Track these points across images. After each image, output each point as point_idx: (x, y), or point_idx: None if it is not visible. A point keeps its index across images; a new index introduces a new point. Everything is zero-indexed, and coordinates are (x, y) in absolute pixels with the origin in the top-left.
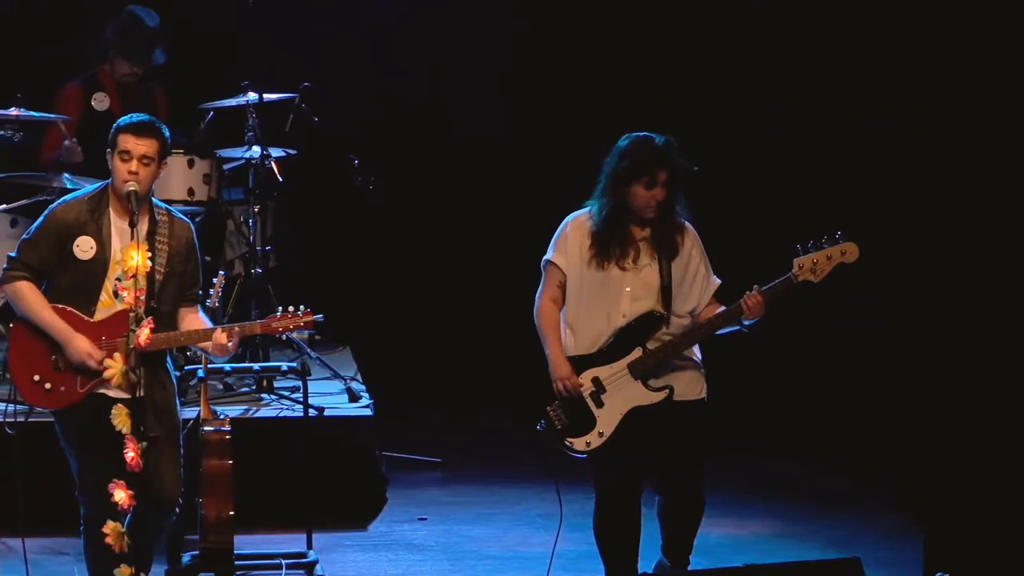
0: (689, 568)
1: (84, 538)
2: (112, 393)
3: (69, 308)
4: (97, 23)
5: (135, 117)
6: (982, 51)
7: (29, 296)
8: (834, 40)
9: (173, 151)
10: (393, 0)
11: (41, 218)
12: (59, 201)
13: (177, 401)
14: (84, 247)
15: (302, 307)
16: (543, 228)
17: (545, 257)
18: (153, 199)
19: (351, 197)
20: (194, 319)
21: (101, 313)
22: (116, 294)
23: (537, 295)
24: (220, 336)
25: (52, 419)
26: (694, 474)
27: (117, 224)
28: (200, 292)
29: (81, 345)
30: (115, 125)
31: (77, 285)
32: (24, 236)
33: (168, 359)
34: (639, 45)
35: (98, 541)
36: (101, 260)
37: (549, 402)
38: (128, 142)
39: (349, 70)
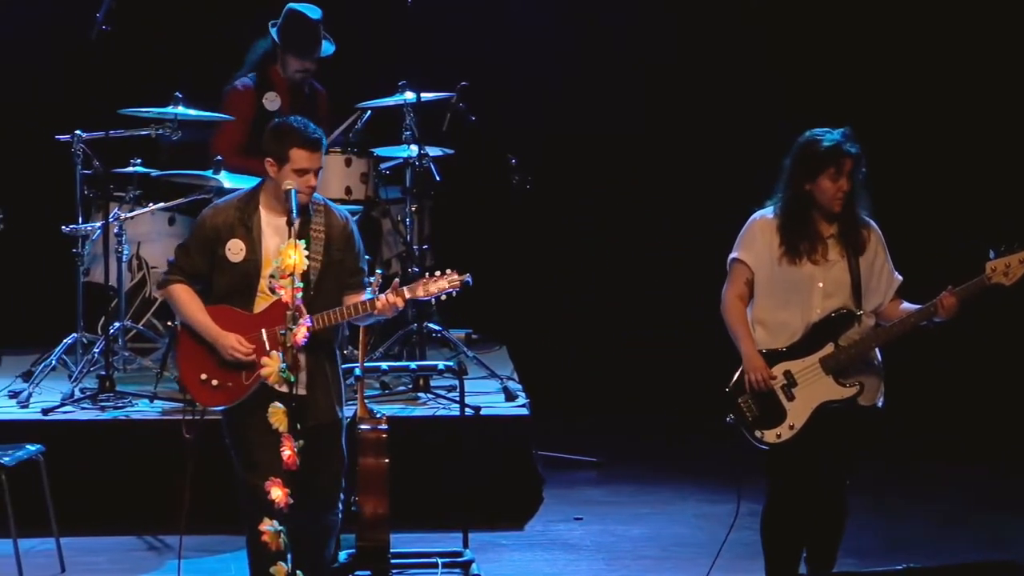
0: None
1: (247, 535)
2: (264, 358)
3: (228, 306)
4: (260, 23)
5: (306, 133)
6: None
7: (183, 298)
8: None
9: (331, 150)
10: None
11: (194, 224)
12: (210, 206)
13: (342, 394)
14: (235, 250)
15: (449, 270)
16: (697, 226)
17: (732, 255)
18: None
19: (508, 196)
20: (352, 301)
21: (259, 308)
22: (272, 291)
23: (724, 292)
24: (384, 306)
25: (217, 418)
26: (843, 479)
27: (271, 222)
28: (366, 280)
29: (227, 341)
30: (285, 136)
31: (233, 286)
32: (180, 243)
33: (335, 352)
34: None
35: (257, 539)
36: (252, 260)
37: (740, 395)
38: (303, 160)
39: (505, 69)
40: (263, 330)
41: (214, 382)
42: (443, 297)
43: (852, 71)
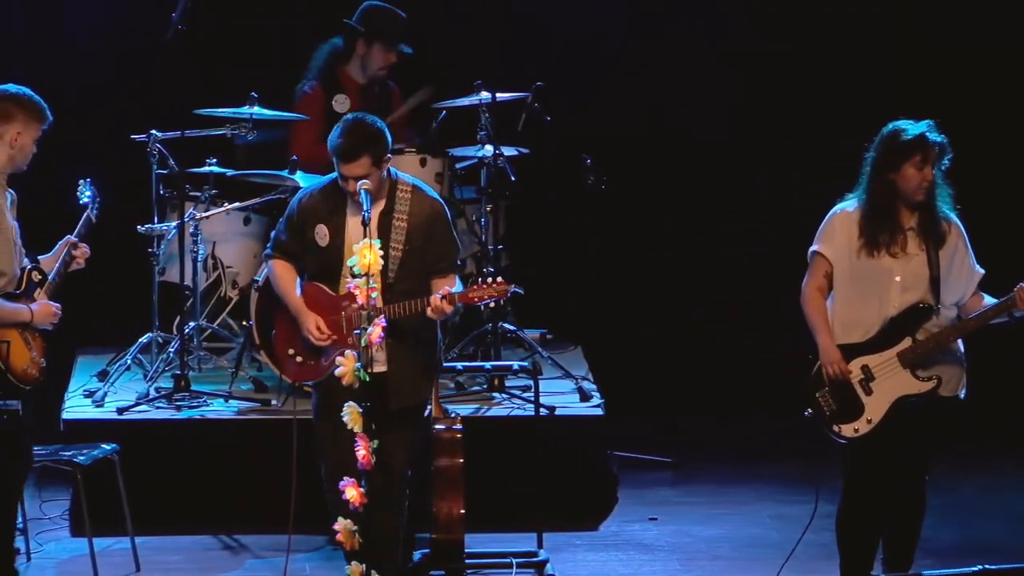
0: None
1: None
2: (340, 358)
3: (319, 284)
4: (328, 25)
5: (336, 143)
6: None
7: (278, 273)
8: None
9: (407, 150)
10: (623, 1)
11: (289, 205)
12: (304, 189)
13: (430, 377)
14: (321, 234)
15: (499, 278)
16: (780, 223)
17: (812, 248)
18: (401, 175)
19: (583, 196)
20: (440, 285)
21: (344, 289)
22: (355, 275)
23: (804, 285)
24: (434, 311)
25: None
26: (923, 473)
27: (355, 210)
28: (459, 263)
29: (307, 322)
30: (329, 141)
31: (321, 267)
32: (281, 218)
33: (426, 334)
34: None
35: (336, 500)
36: (336, 246)
37: (818, 389)
38: (342, 169)
39: (581, 70)
40: (343, 311)
41: (299, 359)
42: (491, 304)
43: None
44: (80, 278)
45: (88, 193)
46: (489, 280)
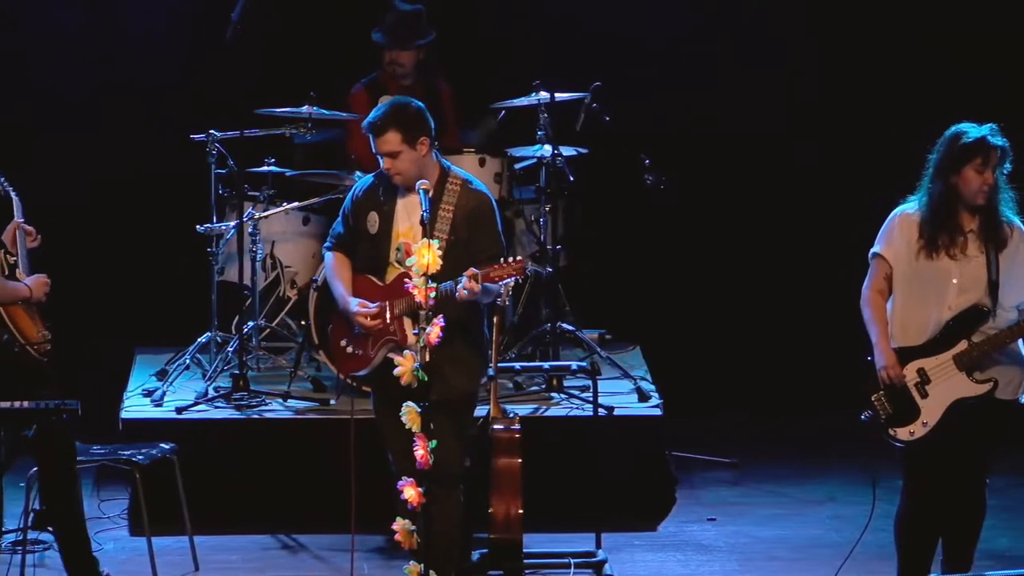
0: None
1: None
2: (398, 358)
3: (368, 276)
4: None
5: (370, 116)
6: None
7: (331, 265)
8: None
9: (465, 149)
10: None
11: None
12: (359, 182)
13: (477, 372)
14: (372, 221)
15: (518, 257)
16: (839, 224)
17: (872, 249)
18: (454, 168)
19: (642, 196)
20: None
21: (389, 279)
22: (399, 262)
23: (864, 286)
24: (463, 294)
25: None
26: (982, 476)
27: (405, 198)
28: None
29: (352, 307)
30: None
31: (370, 256)
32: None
33: (472, 329)
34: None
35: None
36: (384, 233)
37: (874, 392)
38: (374, 145)
39: (640, 69)
40: (387, 301)
41: (349, 349)
42: (510, 283)
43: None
44: (138, 277)
45: (2, 181)
46: (509, 259)
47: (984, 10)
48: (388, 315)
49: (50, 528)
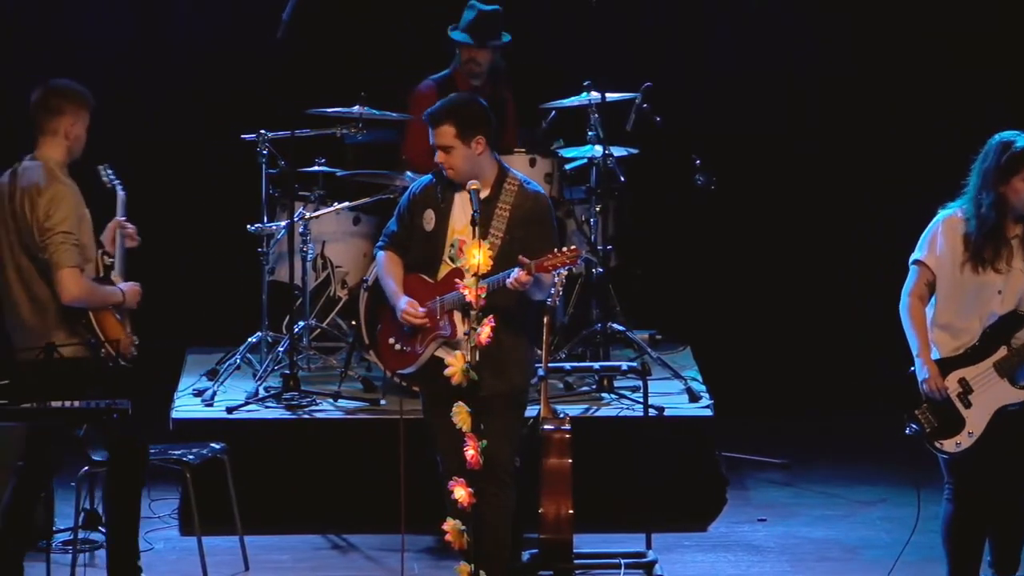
0: None
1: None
2: (449, 358)
3: (420, 275)
4: (447, 22)
5: (431, 108)
6: None
7: (382, 263)
8: None
9: (516, 150)
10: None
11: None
12: (418, 181)
13: (523, 370)
14: (428, 219)
15: (572, 246)
16: (882, 227)
17: (914, 256)
18: (512, 170)
19: (692, 196)
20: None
21: (441, 275)
22: (452, 259)
23: (904, 292)
24: (514, 284)
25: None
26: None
27: (462, 196)
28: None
29: (400, 304)
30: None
31: (424, 254)
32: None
33: (517, 325)
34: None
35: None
36: (440, 231)
37: (917, 405)
38: (430, 136)
39: (688, 69)
40: (437, 297)
41: (397, 346)
42: (563, 272)
43: None
44: (189, 277)
45: (111, 174)
46: (563, 249)
47: (985, 10)
48: (439, 311)
49: (100, 528)
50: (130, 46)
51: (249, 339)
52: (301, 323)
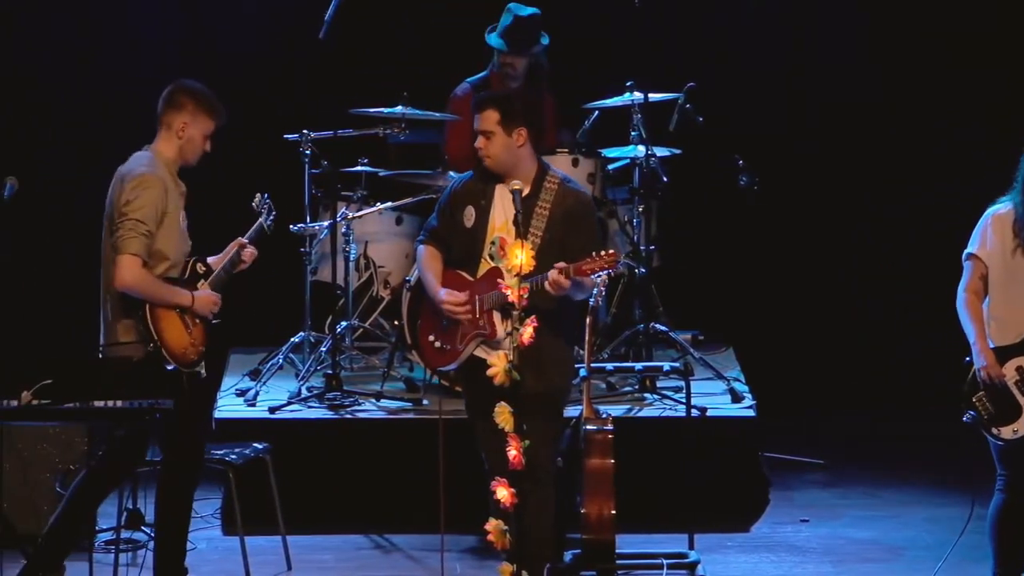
0: None
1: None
2: (491, 358)
3: (459, 271)
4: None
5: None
6: None
7: (422, 258)
8: None
9: (558, 150)
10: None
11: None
12: (459, 177)
13: (563, 371)
14: (468, 215)
15: (610, 250)
16: (925, 225)
17: (967, 250)
18: (552, 168)
19: (735, 197)
20: None
21: (481, 273)
22: (492, 256)
23: (960, 287)
24: (551, 286)
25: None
26: None
27: (503, 193)
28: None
29: (440, 295)
30: None
31: (464, 250)
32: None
33: (556, 326)
34: None
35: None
36: (480, 226)
37: (975, 393)
38: (476, 122)
39: (733, 69)
40: (477, 295)
41: (437, 344)
42: (604, 276)
43: None
44: (232, 277)
45: (265, 204)
46: (601, 252)
47: (985, 10)
48: (477, 309)
49: (143, 528)
50: (177, 44)
51: (292, 339)
52: (344, 323)
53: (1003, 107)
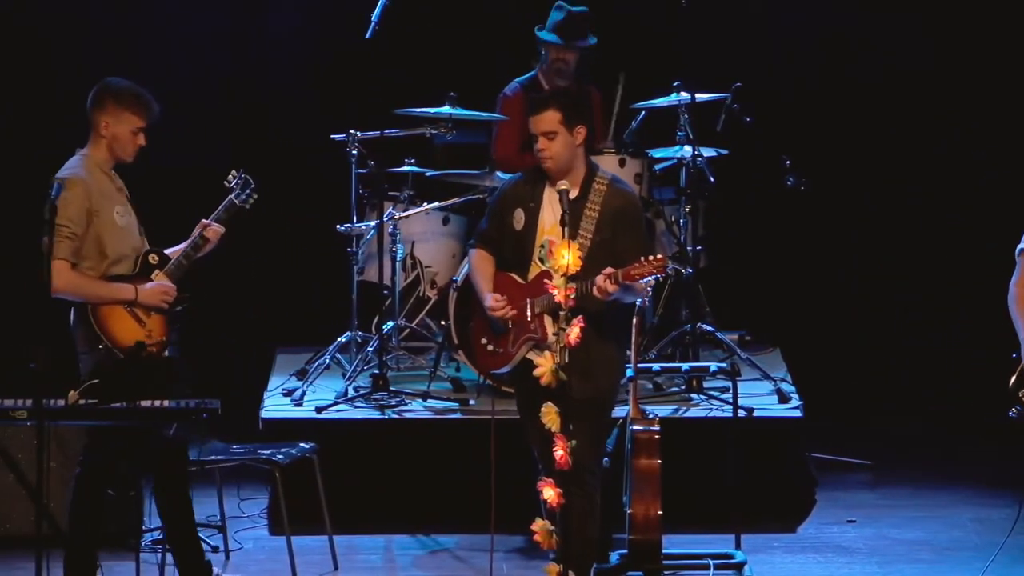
0: None
1: None
2: (538, 358)
3: (510, 274)
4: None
5: (536, 95)
6: None
7: (474, 263)
8: None
9: (605, 150)
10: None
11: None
12: (509, 178)
13: (610, 377)
14: (518, 218)
15: (659, 255)
16: (979, 224)
17: (1019, 246)
18: (601, 169)
19: (782, 198)
20: None
21: (532, 276)
22: (542, 259)
23: (1011, 283)
24: (599, 292)
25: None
26: None
27: (552, 196)
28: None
29: (487, 301)
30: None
31: (514, 254)
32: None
33: (606, 331)
34: None
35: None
36: (529, 229)
37: (1022, 388)
38: (531, 124)
39: (778, 70)
40: (528, 298)
41: (489, 347)
42: (652, 281)
43: None
44: (279, 277)
45: (239, 180)
46: (650, 257)
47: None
48: (529, 313)
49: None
50: (224, 44)
51: (338, 339)
52: (390, 323)
53: None
